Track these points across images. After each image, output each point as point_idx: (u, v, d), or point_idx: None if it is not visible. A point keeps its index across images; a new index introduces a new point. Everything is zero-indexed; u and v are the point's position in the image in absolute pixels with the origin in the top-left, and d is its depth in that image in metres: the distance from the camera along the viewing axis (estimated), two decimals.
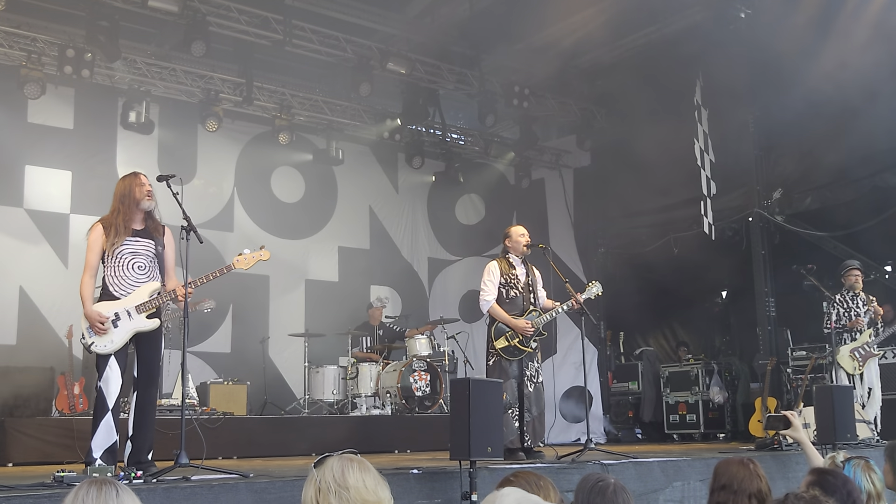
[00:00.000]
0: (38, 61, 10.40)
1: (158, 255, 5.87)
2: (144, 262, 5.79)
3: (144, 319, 5.72)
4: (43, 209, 11.02)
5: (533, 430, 7.17)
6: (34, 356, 9.77)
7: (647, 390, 13.33)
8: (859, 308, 9.31)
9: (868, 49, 9.77)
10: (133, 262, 5.75)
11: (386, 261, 14.06)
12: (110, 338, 5.62)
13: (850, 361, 9.12)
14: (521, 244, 7.45)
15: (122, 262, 5.72)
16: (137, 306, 5.69)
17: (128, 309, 5.67)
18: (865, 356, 9.13)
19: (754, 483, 3.36)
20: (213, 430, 8.53)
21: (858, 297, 9.33)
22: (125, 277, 5.72)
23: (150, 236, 5.85)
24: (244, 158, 12.84)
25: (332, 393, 11.03)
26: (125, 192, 5.81)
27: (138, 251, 5.78)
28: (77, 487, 2.32)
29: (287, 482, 4.76)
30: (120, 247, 5.70)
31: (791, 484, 6.72)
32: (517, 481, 2.80)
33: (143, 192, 5.80)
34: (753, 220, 12.02)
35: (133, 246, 5.76)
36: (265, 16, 10.84)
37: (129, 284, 5.72)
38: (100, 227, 5.77)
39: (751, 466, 3.41)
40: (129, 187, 5.81)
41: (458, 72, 12.61)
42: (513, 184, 14.75)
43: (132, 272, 5.74)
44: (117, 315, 5.64)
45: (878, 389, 9.29)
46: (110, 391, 5.57)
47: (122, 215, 5.76)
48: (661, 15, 11.65)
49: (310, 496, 2.45)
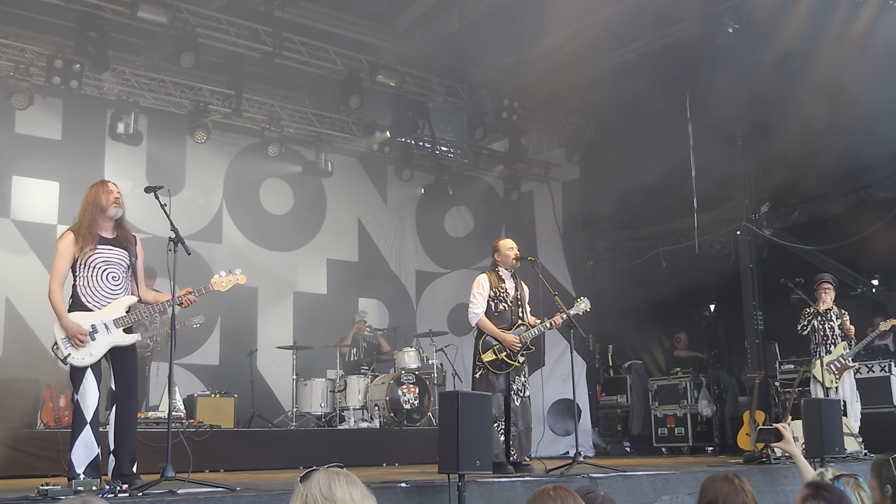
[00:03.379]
0: (26, 72, 10.37)
1: (132, 265, 5.75)
2: (118, 272, 5.66)
3: (122, 334, 5.60)
4: (30, 220, 10.97)
5: (519, 444, 7.15)
6: (20, 368, 9.67)
7: (635, 403, 13.33)
8: (832, 321, 9.34)
9: (855, 64, 9.84)
10: (107, 271, 5.61)
11: (374, 273, 14.05)
12: (88, 351, 5.47)
13: (827, 375, 9.15)
14: (510, 258, 7.44)
15: (95, 273, 5.58)
16: (115, 320, 5.56)
17: (105, 322, 5.54)
18: (841, 369, 9.15)
19: (739, 498, 3.37)
20: (200, 443, 8.47)
21: (831, 310, 9.36)
22: (99, 289, 5.58)
23: (123, 246, 5.74)
24: (233, 170, 12.82)
25: (320, 406, 10.96)
26: (91, 200, 5.70)
27: (111, 260, 5.65)
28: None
29: (274, 496, 4.73)
30: (92, 255, 5.57)
31: (780, 498, 6.73)
32: (556, 496, 2.77)
33: (109, 200, 5.69)
34: (741, 234, 12.08)
35: (106, 255, 5.63)
36: (255, 28, 10.84)
37: (103, 296, 5.59)
38: (71, 235, 5.63)
39: (736, 482, 3.43)
40: (96, 195, 5.71)
41: (448, 85, 12.64)
42: (502, 196, 14.77)
43: (106, 283, 5.61)
44: (94, 327, 5.50)
45: (857, 403, 9.31)
46: (87, 404, 5.45)
47: (86, 223, 5.64)
48: (650, 29, 11.71)
49: None
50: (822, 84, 10.02)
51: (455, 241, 14.84)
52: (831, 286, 9.39)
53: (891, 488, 4.05)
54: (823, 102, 9.94)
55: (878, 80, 9.78)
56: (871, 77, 9.81)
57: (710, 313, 14.35)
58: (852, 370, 9.32)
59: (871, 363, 10.39)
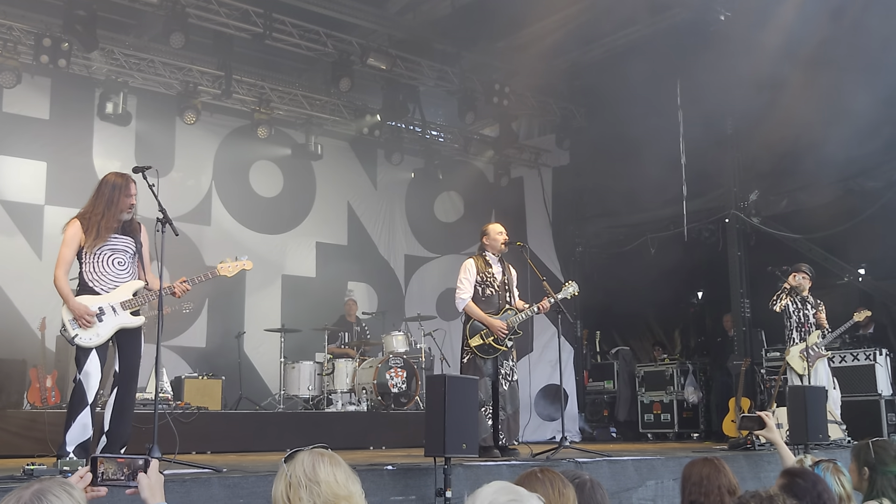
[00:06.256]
0: (13, 50, 10.28)
1: (137, 252, 5.83)
2: (124, 258, 5.74)
3: (129, 316, 5.69)
4: (17, 200, 10.90)
5: (507, 428, 7.18)
6: (6, 348, 9.66)
7: (622, 389, 13.40)
8: (808, 310, 9.39)
9: (844, 54, 9.85)
10: (112, 257, 5.69)
11: (363, 257, 14.05)
12: (96, 331, 5.56)
13: (800, 362, 9.19)
14: (498, 242, 7.45)
15: (101, 259, 5.66)
16: (122, 303, 5.66)
17: (112, 304, 5.63)
18: (815, 357, 9.20)
19: (722, 477, 3.52)
20: (187, 425, 8.47)
21: (807, 300, 9.39)
22: (105, 273, 5.66)
23: (129, 234, 5.80)
24: (222, 152, 12.77)
25: (307, 389, 10.98)
26: (112, 199, 5.69)
27: (117, 248, 5.72)
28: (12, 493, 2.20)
29: (260, 477, 4.74)
30: (100, 246, 5.64)
31: (763, 483, 6.77)
32: (543, 478, 2.78)
33: (127, 204, 5.71)
34: (730, 222, 12.11)
35: (112, 243, 5.70)
36: (245, 8, 10.77)
37: (110, 280, 5.67)
38: (78, 224, 5.66)
39: (716, 462, 3.58)
40: (119, 196, 5.69)
41: (439, 68, 12.60)
42: (492, 182, 14.76)
43: (112, 268, 5.68)
44: (101, 310, 5.59)
45: (836, 390, 9.35)
46: (90, 385, 5.52)
47: (104, 219, 5.64)
48: (642, 15, 11.68)
49: (280, 491, 2.43)
50: (811, 73, 10.03)
51: (445, 226, 14.85)
52: (807, 276, 9.41)
53: (868, 470, 4.15)
54: (813, 91, 9.95)
55: (868, 68, 9.80)
56: (862, 66, 9.83)
57: (698, 300, 14.41)
58: (826, 358, 9.35)
59: (856, 351, 10.46)
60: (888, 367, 10.34)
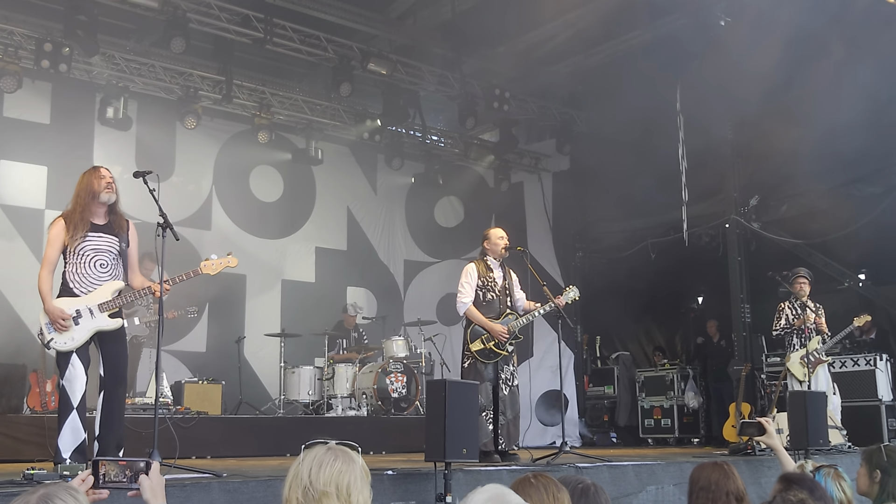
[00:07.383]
0: (14, 55, 10.28)
1: (122, 252, 5.76)
2: (107, 259, 5.69)
3: (107, 318, 5.61)
4: (17, 204, 10.90)
5: (507, 433, 7.17)
6: (6, 353, 9.65)
7: (622, 394, 13.38)
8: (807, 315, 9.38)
9: (844, 59, 9.86)
10: (95, 259, 5.64)
11: (362, 262, 14.05)
12: (71, 335, 5.50)
13: (800, 368, 9.19)
14: (499, 247, 7.45)
15: (83, 260, 5.61)
16: (100, 305, 5.58)
17: (89, 307, 5.56)
18: (815, 363, 9.20)
19: (731, 482, 3.48)
20: (187, 430, 8.46)
21: (807, 305, 9.39)
22: (87, 275, 5.61)
23: (114, 232, 5.75)
24: (223, 156, 12.78)
25: (307, 394, 10.97)
26: (83, 186, 5.70)
27: (101, 248, 5.67)
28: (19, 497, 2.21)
29: (260, 482, 4.73)
30: (82, 243, 5.59)
31: (763, 489, 6.77)
32: (537, 483, 2.77)
33: (101, 185, 5.68)
34: (730, 227, 12.11)
35: (96, 242, 5.66)
36: (246, 13, 10.78)
37: (91, 282, 5.62)
38: (61, 222, 5.65)
39: (725, 467, 3.54)
40: (88, 181, 5.71)
41: (439, 74, 12.61)
42: (492, 187, 14.76)
43: (94, 270, 5.63)
44: (78, 312, 5.53)
45: (836, 396, 9.35)
46: (74, 389, 5.46)
47: (80, 210, 5.65)
48: (641, 21, 11.69)
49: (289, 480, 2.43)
50: (811, 79, 10.04)
51: (445, 231, 14.85)
52: (807, 280, 9.41)
53: (879, 473, 4.16)
54: (813, 97, 9.95)
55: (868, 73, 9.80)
56: (861, 71, 9.83)
57: (698, 305, 14.40)
58: (826, 364, 9.35)
59: (856, 357, 10.46)
60: (888, 373, 10.34)
